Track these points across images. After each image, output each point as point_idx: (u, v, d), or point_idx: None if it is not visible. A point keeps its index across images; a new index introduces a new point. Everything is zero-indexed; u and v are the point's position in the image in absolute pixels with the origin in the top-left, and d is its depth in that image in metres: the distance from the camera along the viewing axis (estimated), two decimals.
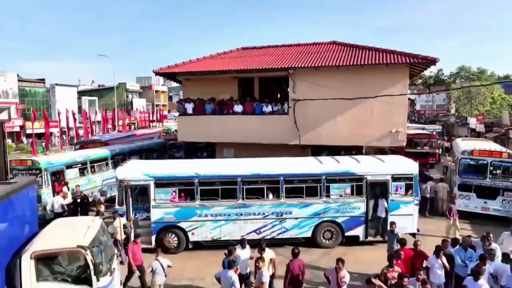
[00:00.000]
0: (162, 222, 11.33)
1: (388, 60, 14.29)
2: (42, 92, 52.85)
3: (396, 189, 11.55)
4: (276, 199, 11.44)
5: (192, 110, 17.41)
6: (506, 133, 30.17)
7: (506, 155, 14.20)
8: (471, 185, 14.52)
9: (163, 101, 77.69)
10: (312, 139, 15.71)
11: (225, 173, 11.65)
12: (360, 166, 11.75)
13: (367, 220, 11.63)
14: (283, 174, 11.41)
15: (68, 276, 6.63)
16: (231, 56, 18.93)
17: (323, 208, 11.47)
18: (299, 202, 11.45)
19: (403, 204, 11.51)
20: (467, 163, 14.71)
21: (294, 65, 15.45)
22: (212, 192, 11.44)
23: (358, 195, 11.52)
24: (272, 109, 16.31)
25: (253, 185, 11.49)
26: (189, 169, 11.68)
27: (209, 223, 11.35)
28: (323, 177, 11.43)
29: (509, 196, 13.91)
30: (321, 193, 11.45)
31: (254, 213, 11.38)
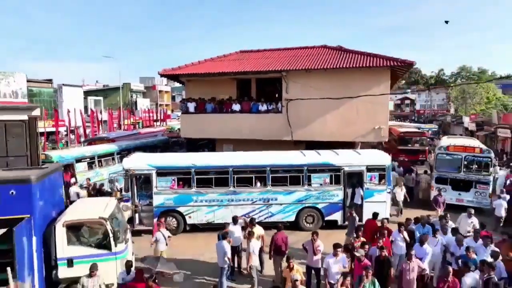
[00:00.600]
0: (162, 207, 12.79)
1: (371, 63, 15.74)
2: (50, 92, 54.53)
3: (370, 178, 12.95)
4: (263, 187, 12.88)
5: (194, 109, 18.91)
6: (494, 131, 31.46)
7: (478, 150, 15.36)
8: (447, 178, 15.51)
9: (166, 101, 79.22)
10: (304, 135, 17.15)
11: (218, 163, 13.15)
12: (338, 158, 13.20)
13: (344, 206, 13.02)
14: (269, 165, 12.90)
15: (92, 242, 8.18)
16: (230, 59, 20.43)
17: (305, 195, 12.91)
18: (284, 189, 12.90)
19: (376, 192, 12.89)
20: (443, 158, 15.81)
21: (286, 68, 16.94)
22: (207, 181, 12.90)
23: (337, 184, 12.94)
24: (267, 108, 17.79)
25: (243, 174, 12.93)
26: (186, 160, 13.23)
27: (204, 208, 12.82)
28: (305, 168, 12.88)
29: (481, 188, 15.02)
30: (303, 182, 12.89)
31: (243, 199, 12.83)
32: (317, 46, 19.86)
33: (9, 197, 7.38)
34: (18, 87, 49.48)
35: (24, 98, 44.28)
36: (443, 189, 15.01)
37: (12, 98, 43.26)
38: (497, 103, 49.17)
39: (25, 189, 7.48)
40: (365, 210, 12.53)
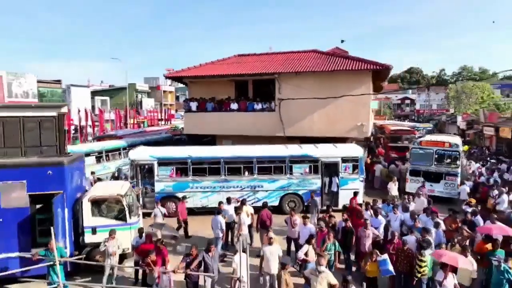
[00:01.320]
0: (163, 193, 14.58)
1: (353, 67, 17.56)
2: (59, 92, 56.69)
3: (345, 169, 14.66)
4: (251, 176, 14.64)
5: (196, 108, 20.82)
6: (481, 129, 33.11)
7: (447, 145, 16.75)
8: (420, 171, 16.74)
9: (170, 101, 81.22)
10: (294, 132, 18.98)
11: (211, 155, 14.99)
12: (317, 150, 14.99)
13: (322, 193, 14.74)
14: (256, 157, 14.71)
15: (111, 215, 10.09)
16: (228, 62, 22.32)
17: (287, 183, 14.67)
18: (269, 178, 14.68)
19: (350, 180, 14.59)
20: (417, 152, 17.17)
21: (279, 71, 18.82)
22: (201, 170, 14.71)
23: (315, 173, 14.69)
24: (262, 107, 19.64)
25: (233, 165, 14.71)
26: (183, 152, 15.11)
27: (199, 193, 14.60)
28: (287, 159, 14.67)
29: (450, 179, 16.23)
30: (286, 171, 14.66)
31: (233, 186, 14.57)
32: (308, 50, 21.70)
33: (47, 176, 9.30)
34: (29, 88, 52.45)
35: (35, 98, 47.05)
36: (416, 180, 16.36)
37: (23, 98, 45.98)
38: (490, 102, 50.63)
39: (59, 170, 9.40)
40: (341, 196, 14.31)
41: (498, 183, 15.44)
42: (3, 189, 9.10)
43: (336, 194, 14.59)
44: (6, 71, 43.79)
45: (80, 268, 9.68)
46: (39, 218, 9.59)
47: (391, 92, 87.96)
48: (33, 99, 50.94)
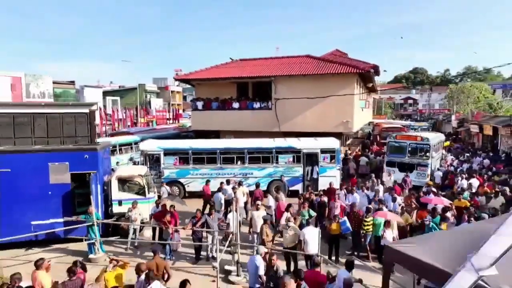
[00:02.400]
0: (168, 178, 16.86)
1: (339, 70, 19.97)
2: (73, 93, 59.77)
3: (323, 159, 16.83)
4: (242, 164, 16.88)
5: (202, 107, 23.38)
6: (469, 127, 35.23)
7: (419, 139, 18.48)
8: (395, 162, 18.24)
9: (178, 101, 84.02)
10: (289, 127, 21.43)
11: (208, 147, 17.34)
12: (299, 143, 17.24)
13: (304, 180, 16.87)
14: (246, 148, 16.96)
15: (133, 191, 12.65)
16: (231, 66, 24.87)
17: (273, 171, 16.85)
18: (258, 166, 16.86)
19: (328, 169, 16.71)
20: (393, 145, 18.97)
21: (275, 74, 21.31)
22: (200, 159, 17.04)
23: (298, 162, 16.86)
24: (260, 106, 22.15)
25: (227, 155, 16.95)
26: (185, 144, 17.57)
27: (199, 179, 16.77)
28: (273, 150, 16.89)
29: (421, 170, 17.66)
30: (272, 161, 16.87)
31: (228, 173, 16.57)
32: (301, 56, 24.17)
33: (84, 159, 11.87)
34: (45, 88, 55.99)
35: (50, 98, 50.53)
36: (392, 170, 17.84)
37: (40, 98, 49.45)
38: (484, 102, 52.43)
39: (93, 155, 11.96)
40: (320, 182, 16.45)
41: (462, 171, 17.73)
42: (52, 169, 11.70)
43: (316, 180, 16.70)
44: (24, 73, 46.89)
45: (108, 235, 12.21)
46: (77, 192, 12.17)
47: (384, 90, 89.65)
48: (49, 99, 54.17)
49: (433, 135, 20.61)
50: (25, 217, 11.38)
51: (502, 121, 26.95)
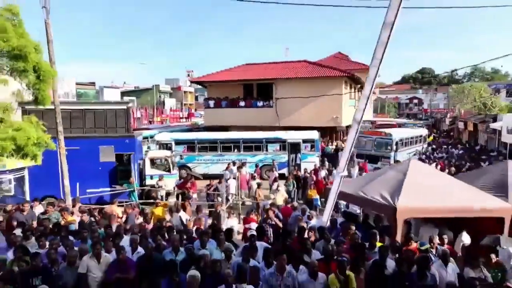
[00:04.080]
0: (178, 163, 19.80)
1: (327, 74, 23.57)
2: (93, 93, 64.37)
3: (305, 147, 20.14)
4: (238, 152, 20.31)
5: (213, 105, 27.22)
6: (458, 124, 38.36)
7: (383, 134, 21.31)
8: (363, 154, 20.21)
9: (190, 101, 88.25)
10: (287, 123, 25.08)
11: (211, 137, 21.05)
12: (285, 134, 20.69)
13: (289, 164, 20.19)
14: (241, 138, 20.53)
15: (161, 168, 16.50)
16: (238, 70, 28.69)
17: (264, 157, 20.23)
18: (251, 153, 20.22)
19: (309, 156, 19.90)
20: (362, 139, 21.14)
21: (275, 77, 25.03)
22: (205, 148, 20.66)
23: (284, 150, 20.27)
24: (263, 104, 25.90)
25: (226, 144, 20.48)
26: (192, 135, 21.28)
27: (203, 164, 20.44)
28: (263, 140, 20.39)
29: (385, 161, 19.68)
30: (263, 149, 20.34)
31: (226, 159, 19.33)
32: (299, 61, 27.87)
33: (125, 143, 15.75)
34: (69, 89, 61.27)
35: (73, 98, 55.59)
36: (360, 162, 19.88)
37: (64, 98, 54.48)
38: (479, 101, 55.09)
39: (132, 140, 15.86)
40: (302, 166, 19.38)
41: (430, 159, 21.14)
42: (102, 150, 15.62)
43: (299, 165, 19.92)
44: None
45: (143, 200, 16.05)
46: (119, 168, 16.06)
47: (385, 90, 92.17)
48: (72, 99, 58.86)
49: (397, 131, 23.44)
50: (83, 185, 15.30)
51: (480, 118, 30.11)
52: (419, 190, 7.46)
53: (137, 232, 7.26)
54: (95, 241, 6.30)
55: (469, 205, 7.39)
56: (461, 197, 7.61)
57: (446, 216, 7.52)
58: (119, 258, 5.94)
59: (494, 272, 6.19)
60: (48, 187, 14.27)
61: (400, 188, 7.48)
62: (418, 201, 7.24)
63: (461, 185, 8.20)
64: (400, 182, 7.67)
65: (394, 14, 6.03)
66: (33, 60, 9.73)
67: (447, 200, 7.44)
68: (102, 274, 5.91)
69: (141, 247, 6.44)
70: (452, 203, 7.41)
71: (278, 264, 5.30)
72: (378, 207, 7.59)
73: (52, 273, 5.81)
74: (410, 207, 7.13)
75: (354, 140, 7.36)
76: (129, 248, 6.44)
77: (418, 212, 7.52)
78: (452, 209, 7.39)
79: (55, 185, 14.00)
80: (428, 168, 10.18)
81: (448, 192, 7.68)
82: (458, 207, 7.39)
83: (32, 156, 10.00)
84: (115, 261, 5.97)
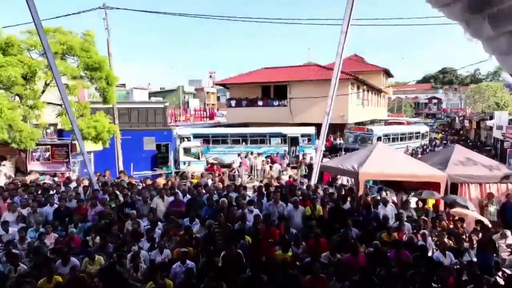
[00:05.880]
0: None
1: None
2: (124, 94, 69.31)
3: (303, 141, 23.38)
4: (246, 145, 23.58)
5: (235, 105, 30.80)
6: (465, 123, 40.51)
7: (366, 130, 24.40)
8: (349, 148, 22.50)
9: (212, 101, 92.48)
10: (300, 119, 28.25)
11: (222, 132, 24.53)
12: (285, 129, 23.88)
13: (290, 155, 23.18)
14: (248, 133, 23.90)
15: (192, 155, 20.18)
16: (258, 73, 32.18)
17: (267, 149, 23.31)
18: (256, 146, 23.36)
19: (305, 148, 22.96)
20: (349, 135, 24.87)
21: (289, 80, 28.33)
22: (217, 141, 23.94)
23: (284, 143, 23.52)
24: (278, 103, 29.24)
25: (235, 138, 23.79)
26: (207, 130, 24.87)
27: (216, 154, 23.61)
28: (267, 134, 23.67)
29: None
30: (267, 142, 23.64)
31: (235, 151, 21.84)
32: (310, 65, 31.09)
33: (164, 135, 19.51)
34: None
35: None
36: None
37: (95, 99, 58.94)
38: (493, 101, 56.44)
39: (169, 133, 19.59)
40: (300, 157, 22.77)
41: (425, 152, 23.90)
42: (145, 141, 19.43)
43: (297, 156, 22.98)
44: None
45: None
46: (159, 155, 19.81)
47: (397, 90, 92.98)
48: None
49: (381, 127, 26.44)
50: (129, 168, 19.14)
51: (481, 117, 32.38)
52: (378, 162, 10.70)
53: (184, 188, 10.85)
54: (160, 189, 9.91)
55: (413, 172, 10.58)
56: (410, 167, 10.80)
57: (396, 179, 10.74)
58: (175, 199, 9.49)
59: (420, 213, 9.38)
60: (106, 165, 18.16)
61: (364, 161, 10.75)
62: (375, 169, 10.49)
63: (412, 160, 11.40)
64: (366, 157, 10.94)
65: (346, 24, 9.52)
66: (106, 70, 13.52)
67: (398, 169, 10.64)
68: (164, 208, 9.46)
69: (189, 195, 9.98)
70: (402, 171, 10.61)
71: (274, 198, 8.72)
72: (348, 173, 10.91)
73: (135, 206, 9.40)
74: (368, 172, 10.41)
75: (326, 126, 10.72)
76: (181, 195, 9.99)
77: (374, 176, 10.77)
78: (401, 175, 10.59)
79: (112, 165, 17.84)
80: (390, 149, 13.28)
81: (400, 164, 10.89)
82: (406, 174, 10.59)
83: (104, 141, 13.77)
84: (173, 201, 9.52)
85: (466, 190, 10.62)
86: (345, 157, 12.68)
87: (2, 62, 10.54)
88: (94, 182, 10.56)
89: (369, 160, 10.72)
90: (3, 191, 9.95)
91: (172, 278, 6.03)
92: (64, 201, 9.23)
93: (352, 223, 7.88)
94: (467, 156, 11.50)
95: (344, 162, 11.37)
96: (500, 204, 10.11)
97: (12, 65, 10.64)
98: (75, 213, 8.93)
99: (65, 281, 5.84)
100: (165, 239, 7.46)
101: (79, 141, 9.87)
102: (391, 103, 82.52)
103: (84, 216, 8.86)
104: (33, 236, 7.82)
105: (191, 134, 24.19)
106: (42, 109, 12.37)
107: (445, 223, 8.78)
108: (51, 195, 9.87)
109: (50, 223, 8.16)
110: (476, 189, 10.66)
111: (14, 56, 10.99)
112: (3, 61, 10.57)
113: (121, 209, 9.20)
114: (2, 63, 10.53)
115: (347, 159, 11.74)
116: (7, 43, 11.08)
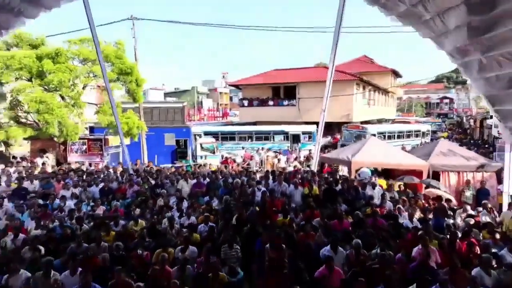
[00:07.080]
0: None
1: (340, 78, 28.37)
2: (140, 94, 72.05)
3: (304, 138, 25.22)
4: (251, 141, 25.56)
5: (247, 104, 32.78)
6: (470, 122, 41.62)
7: (361, 128, 25.74)
8: (345, 145, 24.63)
9: (225, 101, 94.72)
10: (308, 118, 30.01)
11: (231, 130, 26.46)
12: (288, 127, 25.79)
13: (292, 151, 25.22)
14: (254, 131, 25.96)
15: (209, 151, 22.22)
16: (269, 74, 34.08)
17: (271, 146, 25.27)
18: (261, 142, 25.33)
19: (307, 144, 24.77)
20: (346, 132, 26.32)
21: (298, 81, 30.16)
22: (226, 138, 25.95)
23: (287, 140, 25.40)
24: (288, 103, 31.09)
25: (242, 135, 25.86)
26: (217, 128, 26.80)
27: (224, 151, 25.49)
28: (271, 132, 25.68)
29: None
30: (271, 139, 25.57)
31: (242, 147, 24.98)
32: (318, 66, 32.87)
33: (183, 132, 21.60)
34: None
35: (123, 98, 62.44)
36: None
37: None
38: None
39: (187, 130, 21.68)
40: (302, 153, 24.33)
41: None
42: (166, 137, 21.54)
43: (299, 151, 24.80)
44: None
45: None
46: (178, 150, 21.89)
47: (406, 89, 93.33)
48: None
49: (377, 126, 28.06)
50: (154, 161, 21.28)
51: (483, 116, 33.58)
52: (369, 153, 12.52)
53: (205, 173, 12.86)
54: (184, 173, 11.94)
55: (399, 162, 12.36)
56: (396, 157, 12.59)
57: (384, 167, 12.54)
58: (198, 181, 11.50)
59: (401, 195, 11.17)
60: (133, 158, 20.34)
61: (357, 151, 12.58)
62: (366, 158, 12.31)
63: (400, 151, 13.17)
64: (358, 149, 12.77)
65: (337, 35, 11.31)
66: (135, 74, 15.64)
67: (386, 159, 12.45)
68: (188, 189, 11.47)
69: (208, 178, 11.99)
70: (389, 160, 12.41)
71: (278, 179, 10.65)
72: (343, 162, 12.75)
73: (164, 187, 11.42)
74: (360, 161, 12.23)
75: (323, 122, 12.56)
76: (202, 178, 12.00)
77: (365, 165, 12.57)
78: (388, 164, 12.40)
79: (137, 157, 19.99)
80: (381, 142, 15.01)
81: (388, 154, 12.68)
82: (393, 163, 12.39)
83: (134, 136, 15.89)
84: (196, 183, 11.52)
85: (446, 177, 12.35)
86: (341, 150, 14.54)
87: (54, 69, 12.72)
88: (130, 168, 12.65)
89: (361, 152, 12.55)
90: (57, 175, 12.14)
91: (198, 233, 8.01)
92: (107, 182, 11.35)
93: (342, 201, 9.73)
94: (449, 148, 13.22)
95: (341, 153, 13.24)
96: (475, 190, 11.83)
97: (61, 71, 12.82)
98: (116, 192, 11.03)
99: (118, 234, 7.88)
100: (190, 210, 9.46)
101: (121, 135, 11.95)
102: (402, 103, 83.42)
103: (124, 194, 10.94)
104: (86, 208, 9.92)
105: (202, 132, 26.26)
106: (84, 108, 14.55)
107: (421, 202, 10.57)
108: (96, 178, 12.00)
109: (98, 200, 10.27)
110: (455, 177, 12.37)
111: (62, 64, 13.16)
112: (55, 68, 12.76)
113: (153, 189, 11.26)
114: (54, 70, 12.71)
115: (343, 151, 13.62)
116: (57, 53, 13.26)
